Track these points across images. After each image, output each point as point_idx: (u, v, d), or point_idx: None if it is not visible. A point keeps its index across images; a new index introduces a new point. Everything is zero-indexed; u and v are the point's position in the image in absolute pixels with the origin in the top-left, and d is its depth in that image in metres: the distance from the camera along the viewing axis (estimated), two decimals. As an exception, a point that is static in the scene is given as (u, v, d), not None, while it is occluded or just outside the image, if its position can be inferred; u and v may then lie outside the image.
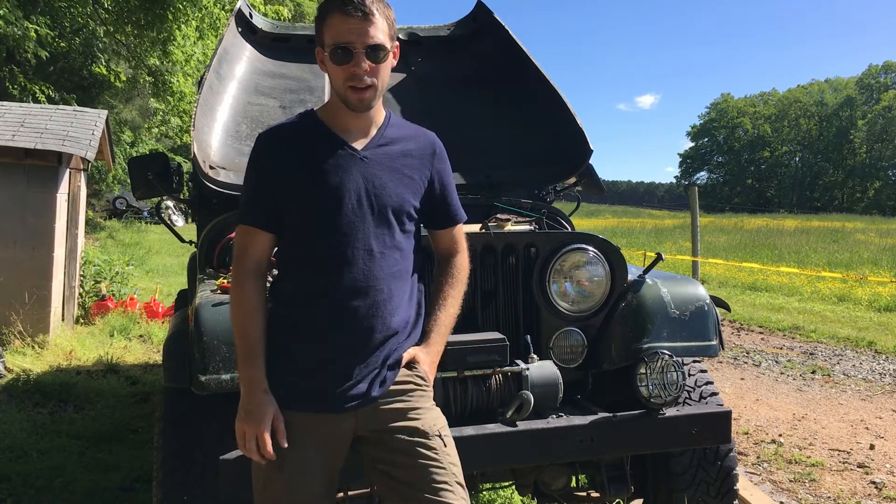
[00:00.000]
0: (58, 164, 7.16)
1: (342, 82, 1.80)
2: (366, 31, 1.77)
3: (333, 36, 1.78)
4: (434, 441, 1.83)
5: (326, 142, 1.87)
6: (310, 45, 4.30)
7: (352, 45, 1.76)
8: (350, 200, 1.82)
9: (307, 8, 34.66)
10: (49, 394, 5.46)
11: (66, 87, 16.89)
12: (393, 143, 1.91)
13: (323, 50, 1.83)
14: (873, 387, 6.53)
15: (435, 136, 2.01)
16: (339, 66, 1.79)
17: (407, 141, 1.94)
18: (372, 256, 1.83)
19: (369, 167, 1.85)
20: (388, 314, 1.84)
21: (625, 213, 52.11)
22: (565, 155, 3.73)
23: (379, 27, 1.78)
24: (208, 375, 2.21)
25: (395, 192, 1.86)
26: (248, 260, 1.87)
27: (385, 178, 1.86)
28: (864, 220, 40.32)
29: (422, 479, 1.79)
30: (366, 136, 1.89)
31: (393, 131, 1.93)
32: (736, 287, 13.75)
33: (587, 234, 2.88)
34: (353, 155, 1.85)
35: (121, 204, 27.53)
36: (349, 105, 1.83)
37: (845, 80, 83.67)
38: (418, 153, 1.94)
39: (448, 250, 2.04)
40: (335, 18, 1.78)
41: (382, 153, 1.88)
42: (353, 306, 1.80)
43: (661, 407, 2.57)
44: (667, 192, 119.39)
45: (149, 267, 14.44)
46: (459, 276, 2.02)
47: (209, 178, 3.22)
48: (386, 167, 1.87)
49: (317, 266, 1.83)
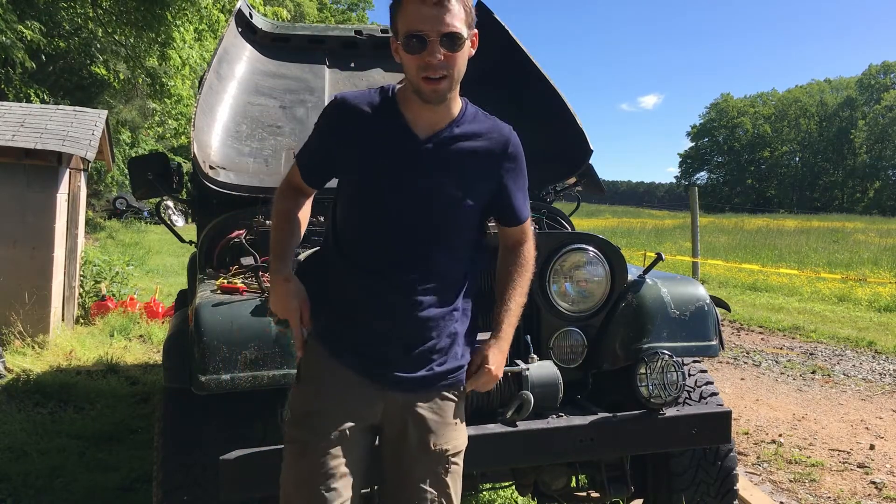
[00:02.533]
0: (58, 164, 7.16)
1: (415, 72, 1.73)
2: (441, 19, 1.69)
3: (407, 24, 1.71)
4: (439, 468, 1.82)
5: (392, 125, 1.81)
6: (310, 45, 4.31)
7: (426, 34, 1.69)
8: (404, 192, 1.79)
9: (307, 8, 34.67)
10: (49, 394, 5.45)
11: (65, 87, 16.88)
12: (461, 140, 1.83)
13: (396, 39, 1.76)
14: (873, 387, 6.53)
15: (510, 132, 1.93)
16: (413, 56, 1.72)
17: (477, 139, 1.86)
18: (420, 252, 1.81)
19: (431, 159, 1.80)
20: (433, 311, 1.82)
21: (625, 213, 52.11)
22: (565, 155, 3.73)
23: (455, 14, 1.71)
24: (208, 375, 2.21)
25: (450, 188, 1.81)
26: (290, 184, 1.96)
27: (445, 173, 1.81)
28: (864, 220, 40.33)
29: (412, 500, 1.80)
30: (434, 128, 1.82)
31: (465, 127, 1.85)
32: (736, 287, 13.76)
33: (587, 234, 2.88)
34: (413, 143, 1.80)
35: (121, 204, 27.52)
36: (422, 96, 1.76)
37: (845, 80, 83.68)
38: (486, 153, 1.86)
39: (514, 239, 2.01)
40: (410, 5, 1.71)
41: (446, 150, 1.82)
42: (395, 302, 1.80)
43: (661, 407, 2.57)
44: (667, 192, 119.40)
45: (149, 267, 14.44)
46: (526, 264, 1.98)
47: (209, 178, 3.23)
48: (447, 162, 1.82)
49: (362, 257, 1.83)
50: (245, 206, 3.35)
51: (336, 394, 1.82)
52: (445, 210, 1.82)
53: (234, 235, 3.24)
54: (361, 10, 46.15)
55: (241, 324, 2.29)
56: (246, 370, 2.24)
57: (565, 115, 3.72)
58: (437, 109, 1.80)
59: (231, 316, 2.32)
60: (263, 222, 3.17)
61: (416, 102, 1.79)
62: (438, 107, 1.79)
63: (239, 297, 2.47)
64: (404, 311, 1.80)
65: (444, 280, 1.84)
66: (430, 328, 1.82)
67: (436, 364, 1.84)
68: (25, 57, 10.90)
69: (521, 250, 1.99)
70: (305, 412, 1.84)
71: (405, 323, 1.80)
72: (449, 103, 1.81)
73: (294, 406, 1.87)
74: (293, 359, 2.26)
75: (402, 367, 1.81)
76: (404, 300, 1.80)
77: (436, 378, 1.84)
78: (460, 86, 1.83)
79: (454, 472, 1.85)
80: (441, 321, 1.83)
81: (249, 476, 2.18)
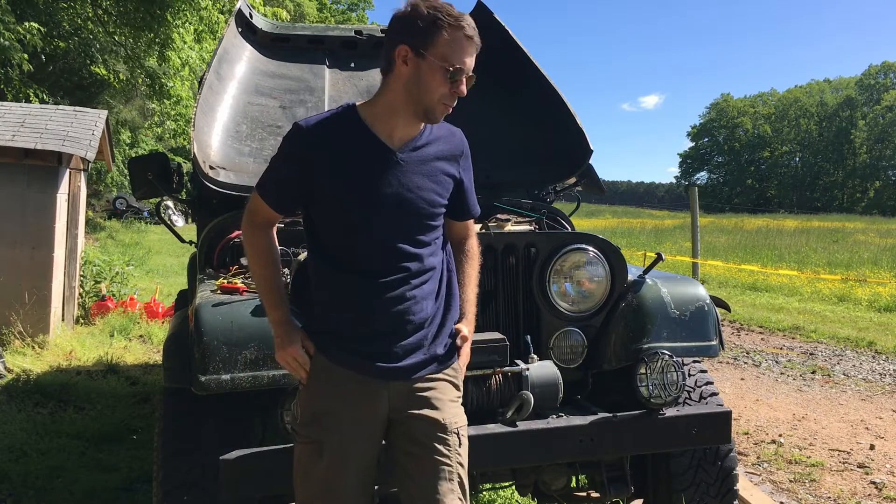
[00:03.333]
0: (58, 164, 7.16)
1: (438, 97, 1.85)
2: (473, 60, 1.88)
3: (451, 54, 1.83)
4: (451, 437, 1.92)
5: (365, 144, 1.90)
6: (310, 45, 4.31)
7: (465, 69, 1.85)
8: (386, 203, 1.88)
9: (307, 8, 34.67)
10: (49, 394, 5.46)
11: (65, 87, 16.88)
12: (429, 145, 1.96)
13: (424, 55, 1.83)
14: (873, 387, 6.53)
15: (462, 135, 2.08)
16: (446, 84, 1.84)
17: (440, 142, 1.99)
18: (404, 254, 1.90)
19: (405, 170, 1.91)
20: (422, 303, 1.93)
21: (625, 213, 52.11)
22: (565, 155, 3.73)
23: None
24: (208, 375, 2.21)
25: (428, 193, 1.93)
26: (258, 217, 1.99)
27: (419, 180, 1.92)
28: (864, 220, 40.35)
29: (429, 474, 1.88)
30: (405, 139, 1.93)
31: (426, 134, 1.97)
32: (736, 287, 13.76)
33: (587, 234, 2.88)
34: (390, 158, 1.90)
35: (121, 204, 27.53)
36: (429, 116, 1.90)
37: (846, 80, 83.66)
38: (450, 154, 2.00)
39: (461, 235, 2.16)
40: (459, 38, 1.84)
41: (418, 156, 1.94)
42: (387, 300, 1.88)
43: (661, 407, 2.57)
44: (667, 192, 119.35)
45: (149, 267, 14.44)
46: (474, 255, 2.16)
47: (209, 179, 3.23)
48: (420, 169, 1.93)
49: (352, 263, 1.90)
50: (245, 207, 3.34)
51: (343, 393, 1.90)
52: (424, 210, 1.93)
53: (234, 235, 3.24)
54: (361, 11, 46.14)
55: (241, 324, 2.30)
56: (246, 370, 2.24)
57: (565, 115, 3.72)
58: (416, 125, 1.93)
59: (231, 316, 2.32)
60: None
61: (396, 121, 1.90)
62: (417, 123, 1.93)
63: (239, 297, 2.47)
64: (396, 308, 1.89)
65: (427, 273, 1.95)
66: (420, 319, 1.93)
67: (429, 350, 1.95)
68: (23, 58, 10.89)
69: (467, 244, 2.16)
70: (315, 413, 1.93)
71: (398, 318, 1.90)
72: None
73: (303, 409, 1.96)
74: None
75: (399, 359, 1.90)
76: (395, 297, 1.89)
77: (431, 361, 1.96)
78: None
79: (464, 445, 1.97)
80: (428, 311, 1.95)
81: (249, 476, 2.18)
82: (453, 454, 1.91)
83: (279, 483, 2.18)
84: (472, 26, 1.86)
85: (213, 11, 13.59)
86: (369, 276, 1.89)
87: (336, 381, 1.90)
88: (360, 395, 1.90)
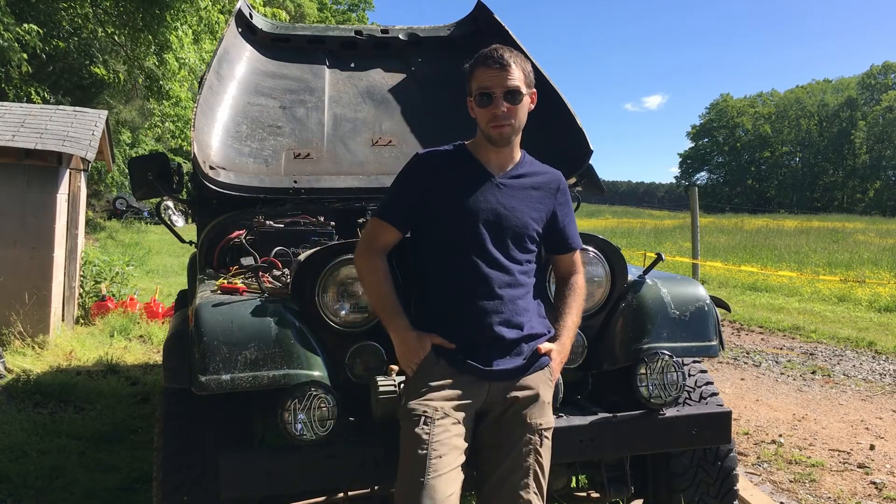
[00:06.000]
0: (58, 164, 7.16)
1: (486, 122, 2.19)
2: (504, 79, 2.15)
3: (478, 84, 2.19)
4: (534, 437, 2.12)
5: (471, 169, 2.25)
6: (310, 45, 4.31)
7: (492, 91, 2.16)
8: (485, 218, 2.18)
9: (307, 9, 34.65)
10: (49, 394, 5.45)
11: (65, 87, 16.87)
12: (525, 177, 2.29)
13: (471, 97, 2.22)
14: (873, 387, 6.53)
15: (560, 175, 2.38)
16: (483, 109, 2.18)
17: (536, 176, 2.32)
18: (502, 267, 2.17)
19: (504, 193, 2.24)
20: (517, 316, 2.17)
21: (625, 213, 52.16)
22: (565, 155, 3.72)
23: (515, 76, 2.17)
24: (208, 376, 2.21)
25: (523, 215, 2.23)
26: (376, 243, 2.27)
27: (515, 203, 2.24)
28: (864, 220, 40.36)
29: (507, 469, 2.08)
30: (503, 168, 2.27)
31: (526, 167, 2.31)
32: (736, 287, 13.76)
33: (587, 234, 2.88)
34: (491, 181, 2.24)
35: (121, 204, 27.55)
36: (491, 140, 2.22)
37: (846, 80, 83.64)
38: (545, 187, 2.32)
39: (568, 270, 2.41)
40: (479, 71, 2.19)
41: (516, 183, 2.27)
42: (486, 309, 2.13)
43: (661, 407, 2.57)
44: (667, 192, 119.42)
45: (149, 267, 14.44)
46: (578, 291, 2.39)
47: (209, 179, 3.22)
48: (518, 194, 2.25)
49: (456, 272, 2.18)
50: (245, 207, 3.35)
51: (446, 386, 2.11)
52: (519, 229, 2.22)
53: (235, 235, 3.24)
54: (361, 11, 46.09)
55: (241, 324, 2.29)
56: (246, 370, 2.23)
57: (565, 115, 3.72)
58: (504, 152, 2.26)
59: (231, 316, 2.32)
60: (263, 222, 3.17)
61: (486, 149, 2.26)
62: (504, 150, 2.25)
63: (239, 297, 2.47)
64: (495, 316, 2.14)
65: (521, 287, 2.21)
66: (516, 327, 2.17)
67: (525, 355, 2.18)
68: (22, 59, 10.89)
69: (572, 280, 2.40)
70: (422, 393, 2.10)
71: (497, 325, 2.14)
72: (513, 148, 2.28)
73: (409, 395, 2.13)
74: (293, 359, 2.27)
75: (499, 362, 2.14)
76: (494, 307, 2.15)
77: (527, 366, 2.18)
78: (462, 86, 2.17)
79: (546, 446, 2.16)
80: (524, 320, 2.19)
81: (249, 476, 2.18)
82: (533, 453, 2.10)
83: (279, 483, 2.18)
84: (494, 52, 2.16)
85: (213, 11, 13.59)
86: (471, 288, 2.15)
87: (439, 374, 2.11)
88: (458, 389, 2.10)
